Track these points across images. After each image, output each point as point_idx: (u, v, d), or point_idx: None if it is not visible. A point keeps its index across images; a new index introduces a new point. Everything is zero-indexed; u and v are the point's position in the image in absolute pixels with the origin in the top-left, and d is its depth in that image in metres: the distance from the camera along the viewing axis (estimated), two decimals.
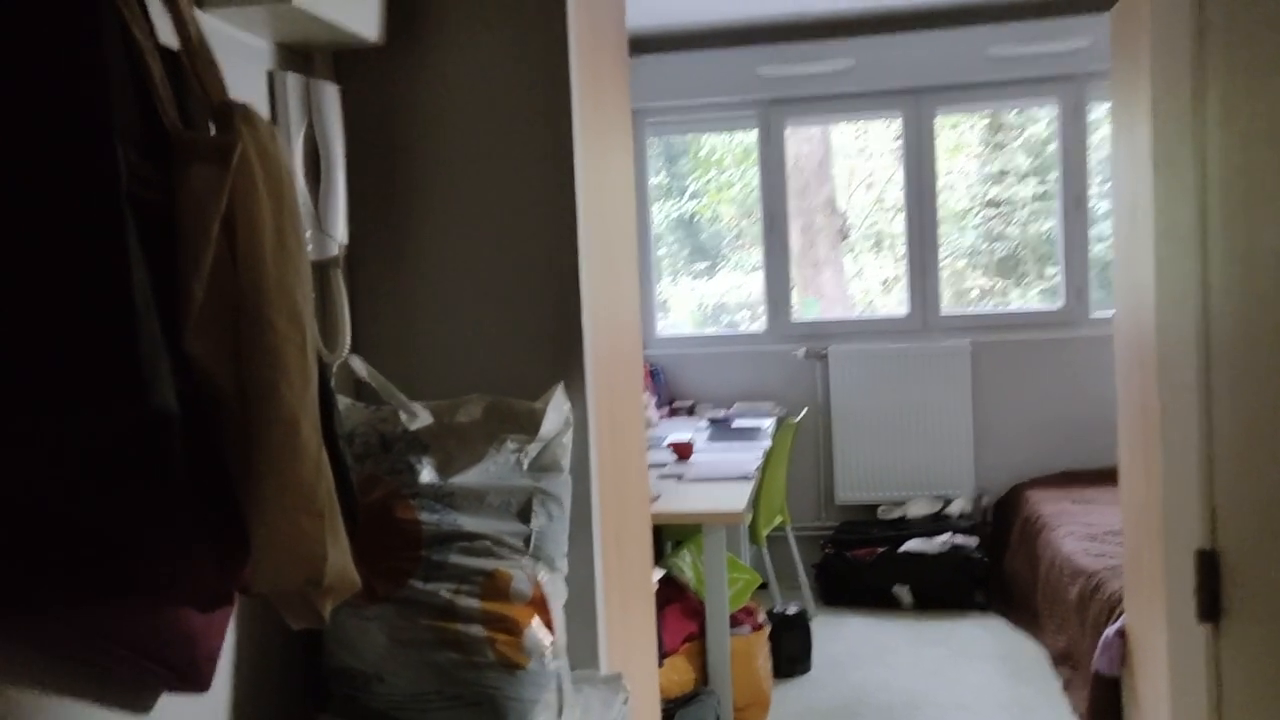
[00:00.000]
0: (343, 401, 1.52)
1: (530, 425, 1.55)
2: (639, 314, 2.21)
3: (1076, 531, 3.84)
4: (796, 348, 4.97)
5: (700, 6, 4.56)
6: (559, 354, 1.67)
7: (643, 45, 4.82)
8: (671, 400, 5.05)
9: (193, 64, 1.05)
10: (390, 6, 1.63)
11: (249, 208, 0.99)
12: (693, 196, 5.71)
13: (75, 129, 0.81)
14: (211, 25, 1.37)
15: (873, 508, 4.89)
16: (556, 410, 1.59)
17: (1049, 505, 4.24)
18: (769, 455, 4.13)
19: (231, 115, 1.03)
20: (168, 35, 1.05)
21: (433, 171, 1.69)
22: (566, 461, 1.60)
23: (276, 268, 0.99)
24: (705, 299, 5.68)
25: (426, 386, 1.63)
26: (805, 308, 5.49)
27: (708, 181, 5.72)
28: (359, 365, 1.51)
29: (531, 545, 1.51)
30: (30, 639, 0.97)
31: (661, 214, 5.53)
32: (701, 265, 5.70)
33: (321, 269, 1.60)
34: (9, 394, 0.79)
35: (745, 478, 3.57)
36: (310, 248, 1.53)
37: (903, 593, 4.45)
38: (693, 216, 5.72)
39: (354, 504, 1.11)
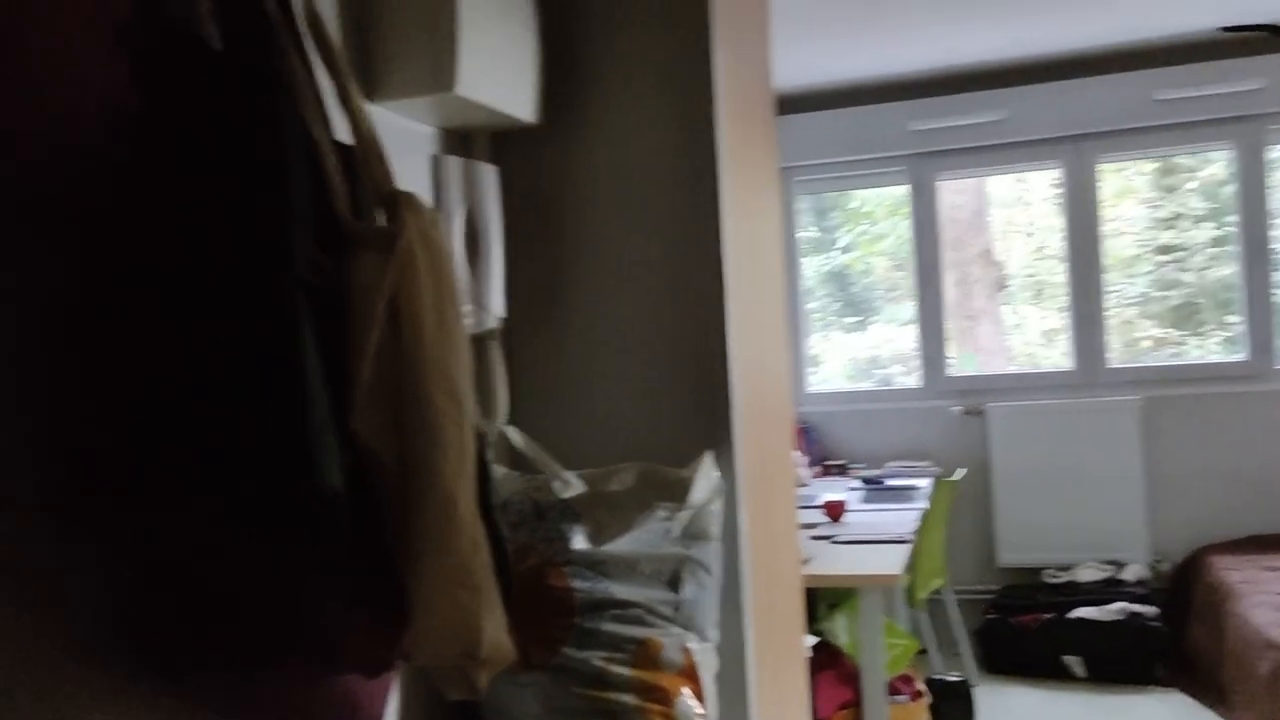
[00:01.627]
0: (499, 471, 1.57)
1: (680, 493, 1.56)
2: (789, 374, 2.20)
3: (1267, 601, 3.58)
4: (953, 404, 4.84)
5: (846, 65, 4.56)
6: (708, 420, 1.68)
7: (790, 105, 4.84)
8: (823, 459, 4.98)
9: (364, 157, 1.12)
10: (546, 88, 1.69)
11: (412, 291, 1.04)
12: (844, 250, 5.66)
13: (259, 223, 0.87)
14: (380, 115, 1.46)
15: (1037, 571, 4.68)
16: (706, 478, 1.59)
17: (1235, 572, 3.97)
18: (926, 516, 4.01)
19: (397, 204, 1.09)
20: (342, 131, 1.13)
21: (584, 243, 1.74)
22: (716, 529, 1.60)
23: (437, 347, 1.04)
24: (857, 353, 5.60)
25: (579, 455, 1.66)
26: (963, 362, 5.35)
27: (859, 234, 5.67)
28: (515, 435, 1.56)
29: (682, 614, 1.51)
30: (200, 705, 1.02)
31: (812, 268, 5.50)
32: (853, 319, 5.63)
33: (479, 342, 1.66)
34: (184, 468, 0.85)
35: (902, 539, 3.47)
36: (469, 322, 1.59)
37: (1074, 663, 4.22)
38: (844, 269, 5.67)
39: (509, 575, 1.14)
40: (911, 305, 5.14)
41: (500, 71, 1.54)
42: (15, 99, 0.78)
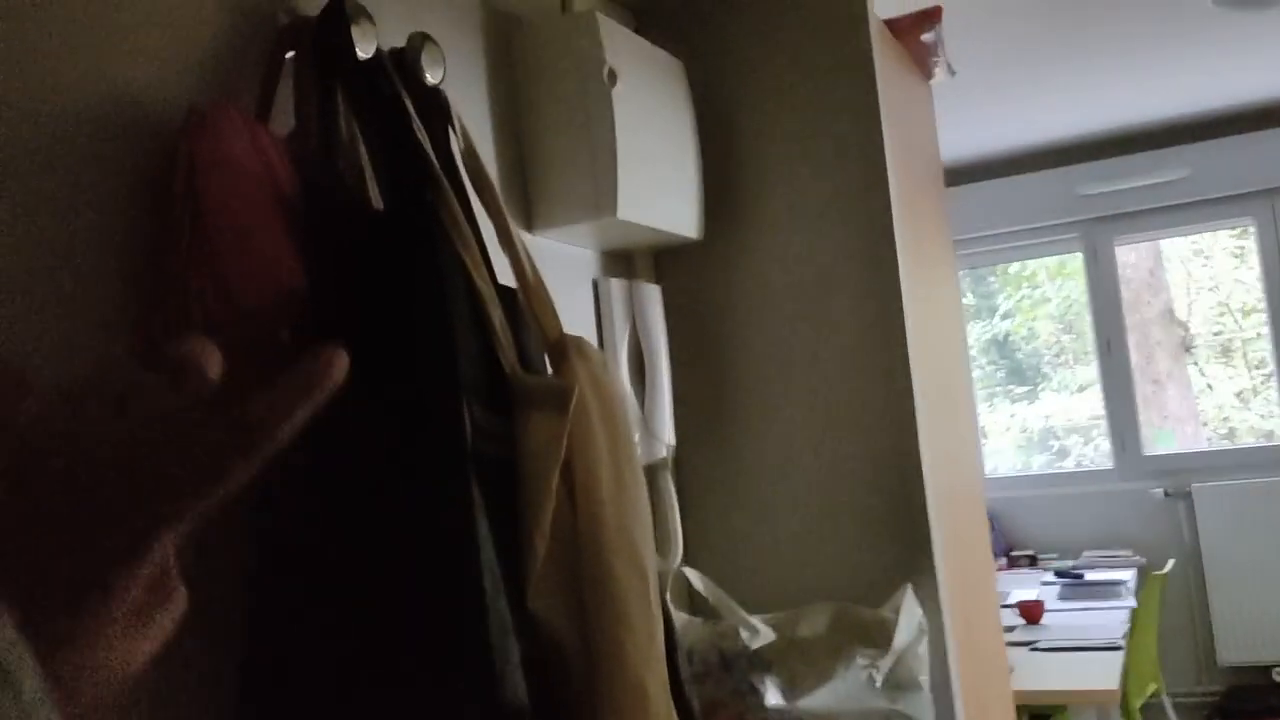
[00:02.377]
0: (680, 618, 1.45)
1: (881, 637, 1.40)
2: (978, 463, 2.01)
3: None
4: (1152, 485, 4.46)
5: (1008, 132, 4.37)
6: (904, 546, 1.53)
7: (951, 178, 4.66)
8: (1009, 550, 4.64)
9: (529, 301, 1.05)
10: (708, 202, 1.61)
11: (586, 449, 0.95)
12: (1004, 316, 5.37)
13: (427, 398, 0.80)
14: (537, 242, 1.40)
15: (1265, 669, 4.20)
16: (909, 617, 1.43)
17: None
18: (1135, 614, 3.66)
19: (565, 351, 1.01)
20: (504, 273, 1.06)
21: (753, 357, 1.63)
22: (925, 677, 1.43)
23: (615, 509, 0.94)
24: (1028, 423, 5.25)
25: (762, 594, 1.53)
26: (1158, 439, 4.94)
27: (1020, 299, 5.37)
28: (694, 578, 1.44)
29: None
30: None
31: (971, 336, 5.22)
32: (1019, 388, 5.29)
33: (649, 472, 1.56)
34: (356, 673, 0.77)
35: (1113, 645, 3.16)
36: (638, 452, 1.50)
37: None
38: (1006, 336, 5.36)
39: None
40: (1084, 370, 4.81)
41: (661, 191, 1.46)
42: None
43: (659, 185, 1.45)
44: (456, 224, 0.99)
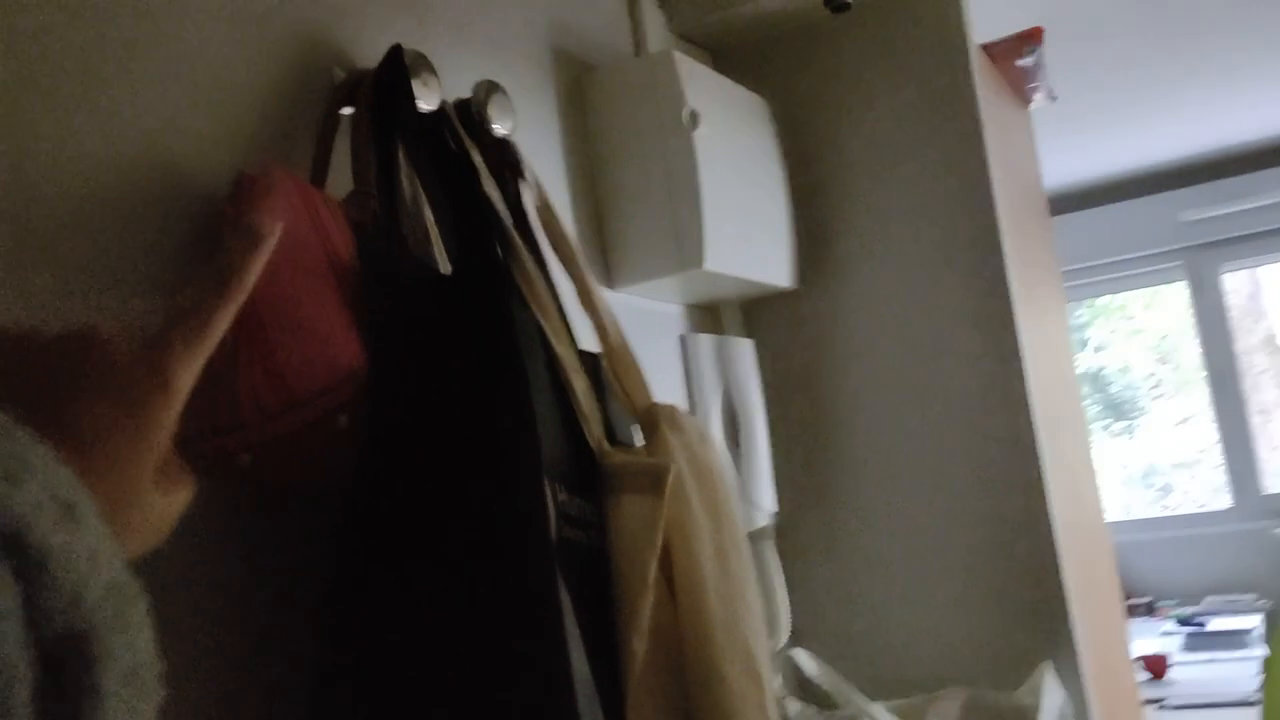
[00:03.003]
0: (793, 707, 1.32)
1: None
2: (1104, 525, 1.85)
3: None
4: (1274, 525, 4.17)
5: (1101, 159, 4.18)
6: (1039, 618, 1.38)
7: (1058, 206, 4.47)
8: (1126, 597, 4.37)
9: (614, 368, 0.95)
10: (801, 248, 1.50)
11: (686, 534, 0.84)
12: (1098, 349, 5.11)
13: (503, 488, 0.70)
14: (619, 300, 1.30)
15: None
16: (1051, 701, 1.28)
17: None
18: (1268, 663, 3.38)
19: (657, 422, 0.91)
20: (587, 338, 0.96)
21: (857, 412, 1.50)
22: None
23: (722, 602, 0.83)
24: (1127, 459, 4.96)
25: (879, 678, 1.39)
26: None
27: (1111, 331, 5.11)
28: (805, 660, 1.31)
29: None
30: None
31: None
32: (1117, 423, 5.01)
33: (752, 544, 1.44)
34: None
35: (1246, 701, 2.92)
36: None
37: None
38: (1100, 370, 5.10)
39: None
40: (1184, 403, 4.54)
41: (750, 238, 1.36)
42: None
43: (747, 232, 1.35)
44: (532, 285, 0.90)
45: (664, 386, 1.37)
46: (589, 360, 0.97)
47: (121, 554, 0.34)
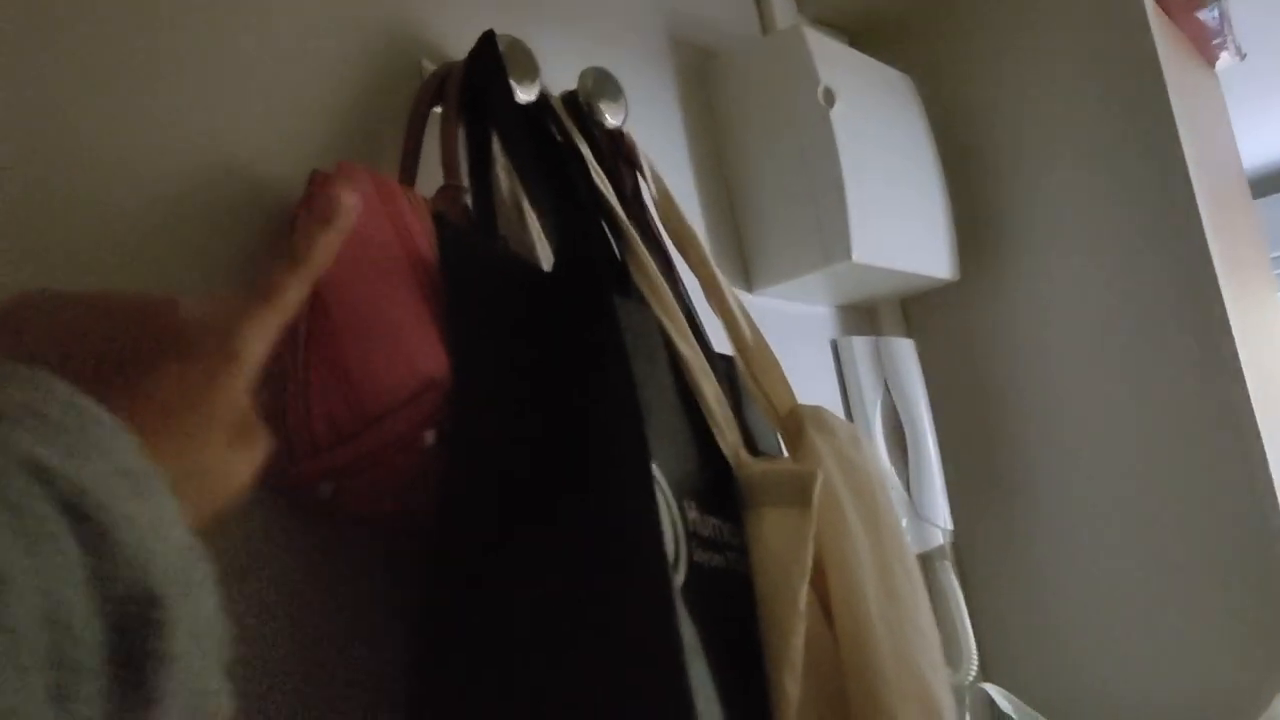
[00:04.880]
0: None
1: None
2: None
3: None
4: None
5: None
6: (1266, 638, 1.18)
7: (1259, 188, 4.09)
8: None
9: (750, 369, 0.85)
10: (963, 236, 1.36)
11: (842, 551, 0.72)
12: None
13: (611, 512, 0.60)
14: (764, 304, 1.20)
15: None
16: None
17: None
18: None
19: (802, 426, 0.79)
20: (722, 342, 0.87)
21: (1042, 417, 1.34)
22: None
23: (889, 629, 0.70)
24: None
25: (1082, 713, 1.22)
26: None
27: None
28: (998, 696, 1.16)
29: None
30: None
31: None
32: None
33: (925, 564, 1.30)
34: None
35: None
36: (911, 548, 1.24)
37: None
38: None
39: None
40: None
41: (903, 226, 1.23)
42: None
43: (900, 220, 1.22)
44: (651, 282, 0.81)
45: (817, 396, 1.25)
46: (723, 363, 0.87)
47: (188, 522, 0.34)
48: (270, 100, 0.70)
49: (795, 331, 1.25)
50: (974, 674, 1.23)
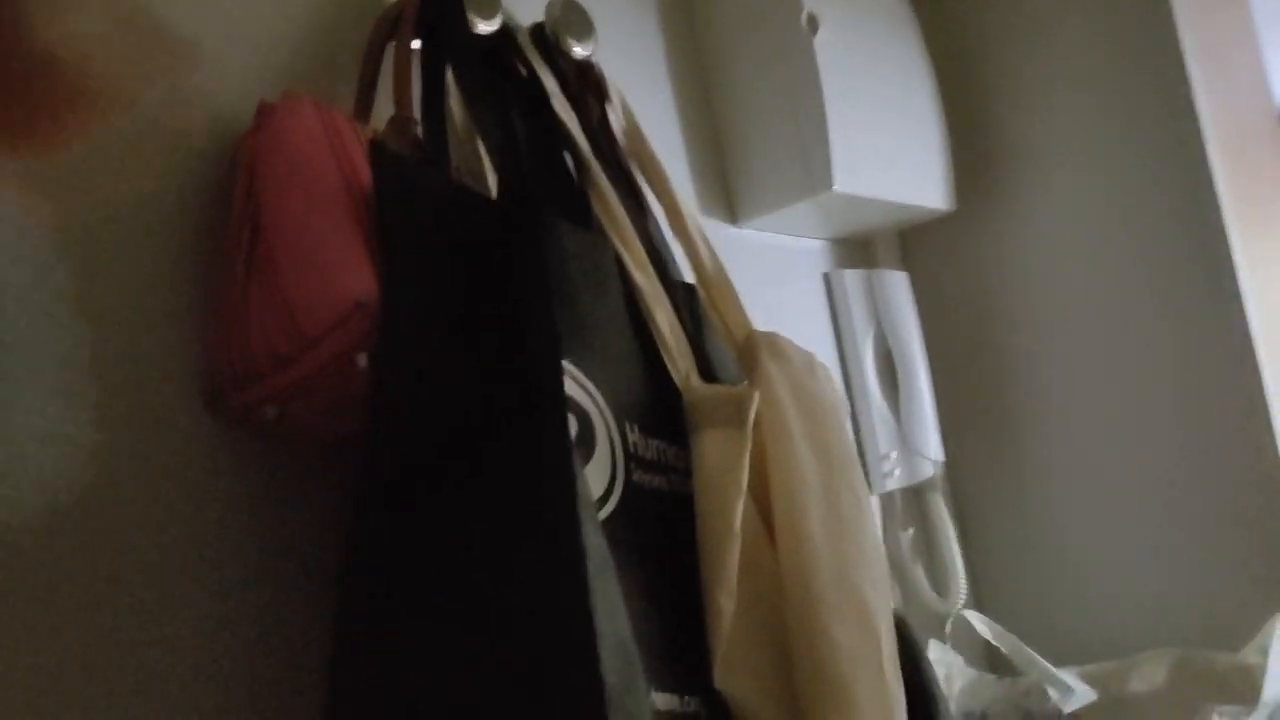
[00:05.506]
0: (967, 675, 1.18)
1: (1244, 688, 1.07)
2: None
3: None
4: None
5: None
6: (1267, 568, 1.17)
7: None
8: None
9: (709, 297, 0.86)
10: (960, 165, 1.34)
11: (786, 473, 0.73)
12: None
13: (518, 405, 0.60)
14: (753, 238, 1.20)
15: None
16: None
17: None
18: None
19: (757, 351, 0.80)
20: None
21: (1039, 349, 1.33)
22: None
23: (831, 552, 0.72)
24: None
25: (1071, 643, 1.23)
26: None
27: None
28: (980, 623, 1.17)
29: None
30: None
31: None
32: None
33: (917, 496, 1.30)
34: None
35: None
36: (898, 473, 1.25)
37: None
38: None
39: None
40: None
41: (894, 154, 1.22)
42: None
43: (890, 148, 1.21)
44: (610, 214, 0.82)
45: (809, 330, 1.26)
46: (686, 294, 0.88)
47: None
48: (228, 31, 0.72)
49: (786, 265, 1.25)
50: (963, 602, 1.24)
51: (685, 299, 0.86)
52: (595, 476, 0.67)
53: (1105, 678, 1.12)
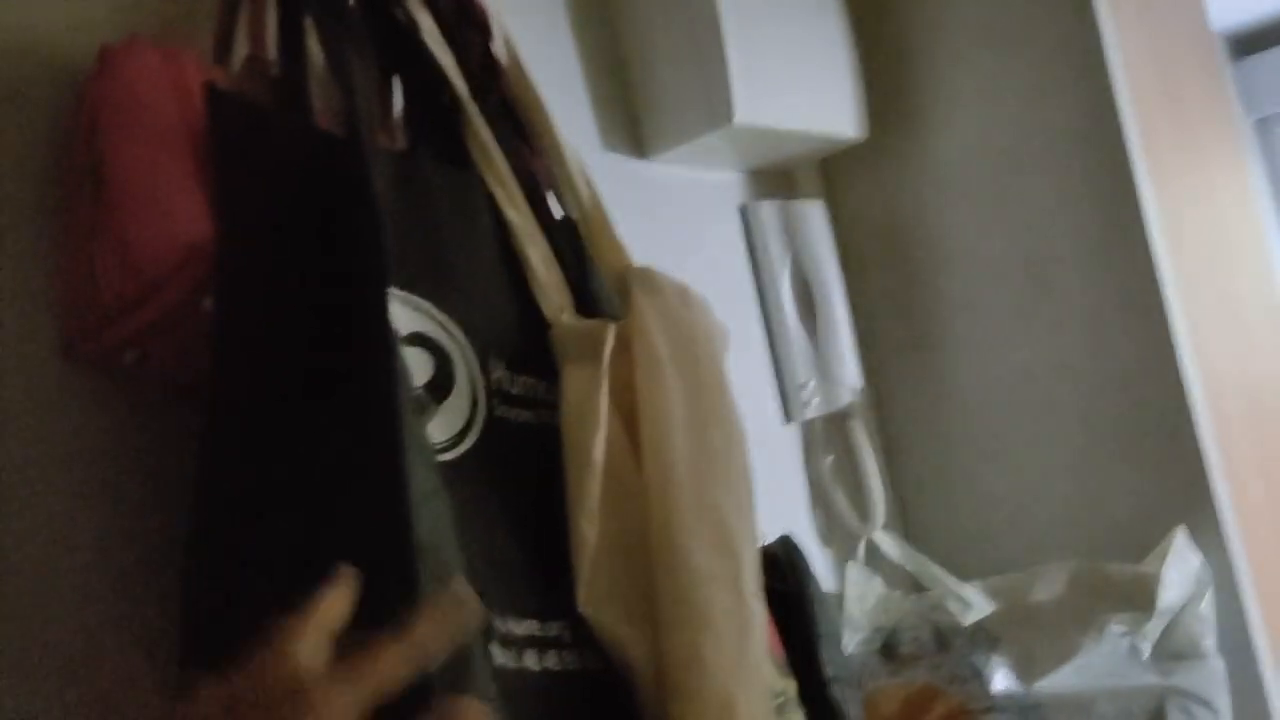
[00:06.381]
0: (878, 593, 1.20)
1: (1141, 596, 1.10)
2: None
3: None
4: None
5: None
6: (1167, 479, 1.20)
7: (1258, 42, 3.92)
8: None
9: (587, 232, 0.86)
10: (872, 92, 1.34)
11: (654, 404, 0.75)
12: None
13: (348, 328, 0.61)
14: (666, 173, 1.20)
15: None
16: (1179, 569, 1.12)
17: None
18: None
19: (629, 286, 0.81)
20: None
21: (953, 274, 1.34)
22: (1211, 641, 1.11)
23: (694, 479, 0.73)
24: None
25: (987, 559, 1.26)
26: None
27: None
28: (886, 543, 1.19)
29: None
30: None
31: None
32: None
33: (839, 423, 1.32)
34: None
35: None
36: (816, 401, 1.27)
37: None
38: None
39: None
40: None
41: (801, 83, 1.22)
42: None
43: (796, 76, 1.21)
44: (483, 151, 0.82)
45: (726, 263, 1.27)
46: (572, 230, 0.89)
47: None
48: None
49: (700, 199, 1.26)
50: (881, 524, 1.27)
51: (569, 236, 0.87)
52: (453, 413, 0.69)
53: (1009, 590, 1.15)
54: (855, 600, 1.17)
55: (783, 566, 0.85)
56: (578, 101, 1.14)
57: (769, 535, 0.94)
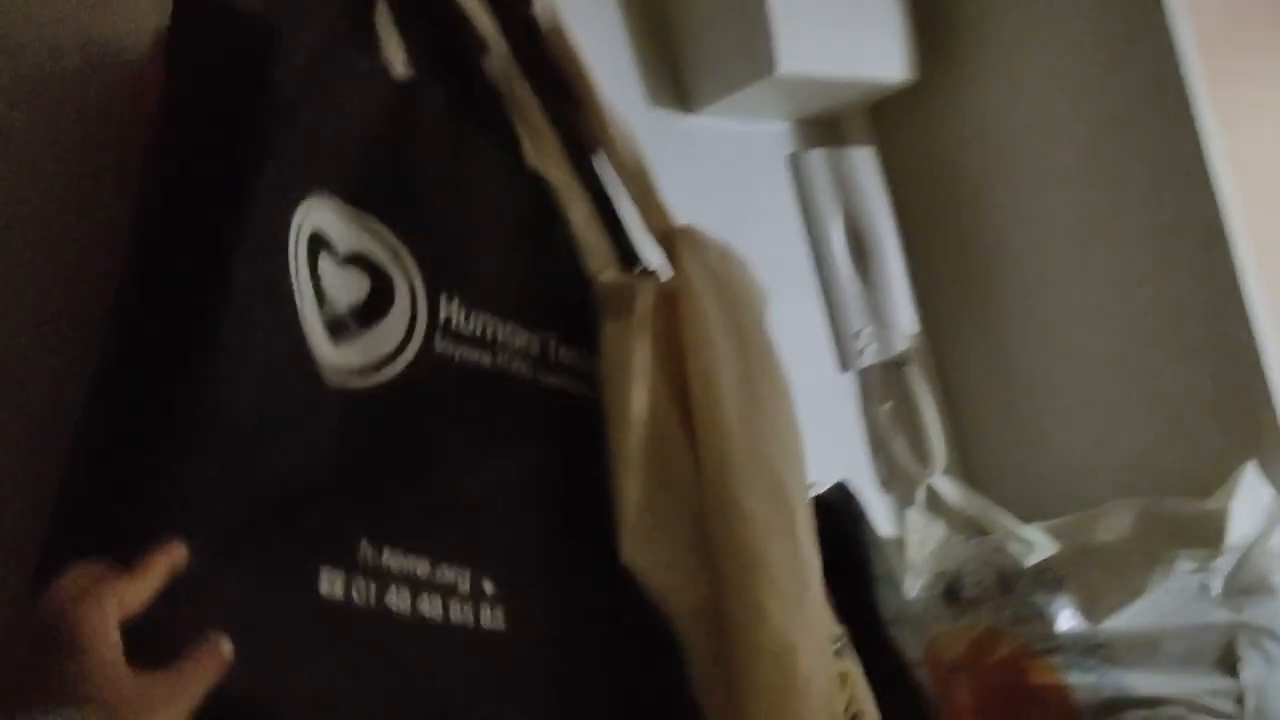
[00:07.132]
0: (932, 536, 1.20)
1: (1210, 533, 1.09)
2: None
3: None
4: None
5: None
6: (1236, 416, 1.18)
7: None
8: None
9: (631, 193, 0.87)
10: (923, 31, 1.31)
11: (702, 360, 0.76)
12: None
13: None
14: (713, 126, 1.20)
15: None
16: (1250, 503, 1.10)
17: None
18: None
19: (674, 244, 0.82)
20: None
21: (1012, 217, 1.32)
22: None
23: (746, 432, 0.75)
24: None
25: (1051, 500, 1.25)
26: None
27: None
28: (946, 488, 1.19)
29: (1249, 708, 1.04)
30: None
31: None
32: None
33: (896, 369, 1.32)
34: None
35: None
36: (872, 348, 1.26)
37: None
38: None
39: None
40: None
41: (845, 26, 1.20)
42: None
43: (840, 21, 1.19)
44: (521, 111, 0.83)
45: (775, 214, 1.27)
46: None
47: None
48: None
49: (748, 151, 1.25)
50: (942, 468, 1.27)
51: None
52: (378, 338, 0.67)
53: (1073, 530, 1.15)
54: (916, 545, 1.17)
55: (838, 512, 0.86)
56: (620, 59, 1.14)
57: (828, 483, 0.95)
